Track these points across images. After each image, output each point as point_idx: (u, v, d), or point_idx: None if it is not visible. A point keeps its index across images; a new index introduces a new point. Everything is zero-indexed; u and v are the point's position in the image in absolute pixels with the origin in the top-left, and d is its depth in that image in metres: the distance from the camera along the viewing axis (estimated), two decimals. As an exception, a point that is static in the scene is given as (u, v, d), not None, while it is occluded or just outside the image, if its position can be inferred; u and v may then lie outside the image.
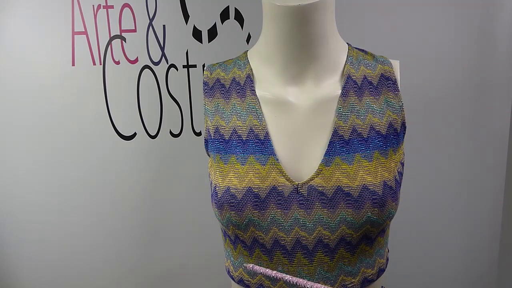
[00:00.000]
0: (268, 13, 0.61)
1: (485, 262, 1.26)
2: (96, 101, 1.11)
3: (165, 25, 1.09)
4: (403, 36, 1.13)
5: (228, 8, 1.10)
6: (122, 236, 1.19)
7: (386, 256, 0.64)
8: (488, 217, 1.25)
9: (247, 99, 0.61)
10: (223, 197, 0.56)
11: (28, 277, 1.18)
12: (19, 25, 1.05)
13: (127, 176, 1.16)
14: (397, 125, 0.59)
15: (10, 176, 1.12)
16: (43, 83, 1.08)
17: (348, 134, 0.57)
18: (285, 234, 0.56)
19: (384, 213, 0.54)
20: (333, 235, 0.55)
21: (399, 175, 0.60)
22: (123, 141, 1.14)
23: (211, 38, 1.12)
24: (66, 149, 1.12)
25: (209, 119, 0.63)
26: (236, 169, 0.57)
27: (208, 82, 0.66)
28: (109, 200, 1.17)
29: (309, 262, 0.56)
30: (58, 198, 1.14)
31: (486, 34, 1.13)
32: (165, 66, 1.12)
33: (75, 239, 1.17)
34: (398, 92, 0.61)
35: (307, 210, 0.55)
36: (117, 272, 1.21)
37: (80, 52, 1.08)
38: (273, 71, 0.62)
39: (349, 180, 0.54)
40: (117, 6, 1.07)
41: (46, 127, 1.10)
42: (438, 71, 1.15)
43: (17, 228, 1.15)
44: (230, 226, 0.58)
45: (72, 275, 1.19)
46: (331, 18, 0.61)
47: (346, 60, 0.62)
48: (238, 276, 0.62)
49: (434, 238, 1.24)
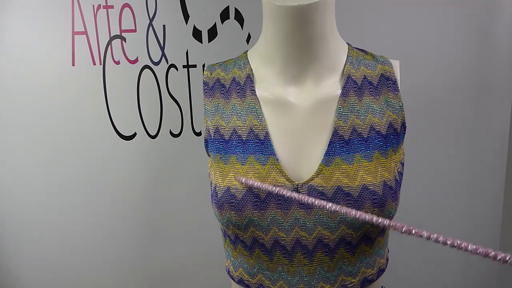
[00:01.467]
0: (268, 13, 0.61)
1: (485, 262, 1.26)
2: (96, 101, 1.11)
3: (165, 25, 1.09)
4: (403, 36, 1.13)
5: (228, 8, 1.10)
6: (122, 236, 1.19)
7: (386, 256, 0.64)
8: (488, 217, 1.25)
9: (247, 99, 0.61)
10: (223, 197, 0.56)
11: (28, 277, 1.18)
12: (19, 25, 1.05)
13: (127, 176, 1.16)
14: (397, 125, 0.59)
15: (10, 176, 1.12)
16: (43, 83, 1.08)
17: (348, 134, 0.57)
18: (285, 234, 0.56)
19: (384, 213, 0.54)
20: (333, 235, 0.55)
21: (399, 175, 0.60)
22: (123, 141, 1.14)
23: (211, 38, 1.12)
24: (66, 149, 1.12)
25: (209, 119, 0.63)
26: (236, 169, 0.57)
27: (208, 82, 0.66)
28: (109, 200, 1.17)
29: (309, 262, 0.56)
30: (58, 198, 1.14)
31: (486, 34, 1.13)
32: (165, 66, 1.12)
33: (75, 239, 1.17)
34: (398, 92, 0.61)
35: (307, 210, 0.55)
36: (117, 272, 1.21)
37: (80, 52, 1.08)
38: (273, 71, 0.62)
39: (349, 180, 0.54)
40: (117, 6, 1.07)
41: (46, 127, 1.10)
42: (438, 71, 1.15)
43: (17, 228, 1.15)
44: (230, 226, 0.58)
45: (72, 275, 1.19)
46: (331, 18, 0.61)
47: (346, 60, 0.62)
48: (238, 276, 0.62)
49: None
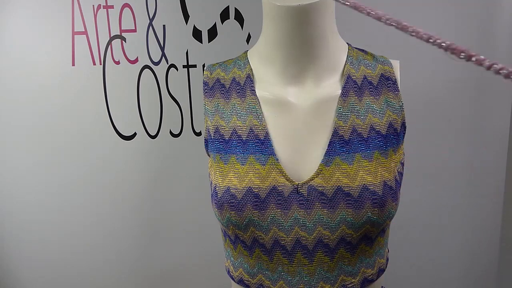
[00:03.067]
0: (268, 13, 0.61)
1: (485, 262, 1.26)
2: (96, 101, 1.11)
3: (165, 25, 1.09)
4: (403, 36, 1.12)
5: (228, 8, 1.10)
6: (122, 236, 1.19)
7: (386, 256, 0.64)
8: (488, 217, 1.25)
9: (247, 99, 0.61)
10: (223, 197, 0.56)
11: (28, 277, 1.18)
12: (19, 25, 1.04)
13: (127, 176, 1.16)
14: (397, 125, 0.59)
15: (10, 176, 1.12)
16: (43, 83, 1.08)
17: (348, 134, 0.57)
18: (285, 234, 0.56)
19: (384, 213, 0.54)
20: (333, 235, 0.55)
21: (399, 175, 0.60)
22: (123, 141, 1.14)
23: (211, 38, 1.12)
24: (66, 149, 1.12)
25: (209, 119, 0.63)
26: (236, 169, 0.57)
27: (208, 82, 0.66)
28: (109, 200, 1.17)
29: (309, 262, 0.56)
30: (58, 198, 1.14)
31: (486, 34, 1.13)
32: (165, 66, 1.12)
33: (75, 239, 1.17)
34: (398, 92, 0.61)
35: (307, 210, 0.55)
36: (117, 272, 1.21)
37: (80, 52, 1.07)
38: (273, 71, 0.62)
39: (349, 180, 0.54)
40: (117, 6, 1.07)
41: (46, 127, 1.10)
42: (438, 71, 1.15)
43: (17, 228, 1.15)
44: (230, 226, 0.58)
45: (72, 275, 1.19)
46: (331, 18, 0.61)
47: (346, 60, 0.62)
48: (238, 276, 0.62)
49: (434, 238, 1.24)
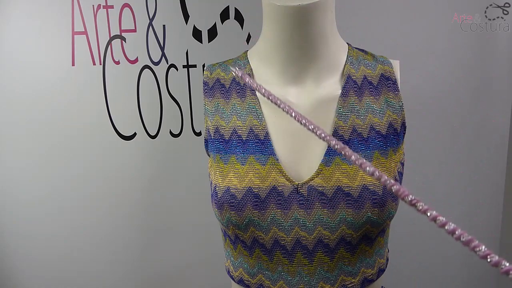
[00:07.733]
0: (268, 13, 0.61)
1: (485, 262, 1.26)
2: (96, 101, 1.10)
3: (165, 25, 1.09)
4: (403, 36, 1.13)
5: (228, 8, 1.10)
6: (122, 236, 1.19)
7: (386, 256, 0.64)
8: (488, 217, 1.25)
9: (247, 99, 0.61)
10: (223, 197, 0.56)
11: (28, 276, 1.18)
12: (19, 25, 1.04)
13: (127, 176, 1.16)
14: (397, 125, 0.59)
15: (10, 176, 1.12)
16: (43, 83, 1.08)
17: (348, 134, 0.57)
18: (285, 234, 0.56)
19: (384, 213, 0.54)
20: (333, 235, 0.55)
21: (399, 175, 0.60)
22: (123, 141, 1.14)
23: (211, 38, 1.12)
24: (66, 149, 1.12)
25: (209, 119, 0.63)
26: (236, 169, 0.57)
27: (208, 82, 0.66)
28: (109, 200, 1.16)
29: (309, 262, 0.56)
30: (58, 198, 1.14)
31: (486, 34, 1.13)
32: (165, 66, 1.12)
33: (75, 239, 1.17)
34: (398, 92, 0.61)
35: (307, 210, 0.55)
36: (117, 272, 1.21)
37: (80, 52, 1.07)
38: (273, 71, 0.62)
39: (349, 180, 0.54)
40: (117, 6, 1.07)
41: (46, 127, 1.10)
42: (438, 71, 1.15)
43: (17, 228, 1.15)
44: (230, 226, 0.58)
45: (72, 275, 1.19)
46: (331, 18, 0.61)
47: (346, 60, 0.62)
48: (238, 276, 0.62)
49: (434, 238, 1.24)
